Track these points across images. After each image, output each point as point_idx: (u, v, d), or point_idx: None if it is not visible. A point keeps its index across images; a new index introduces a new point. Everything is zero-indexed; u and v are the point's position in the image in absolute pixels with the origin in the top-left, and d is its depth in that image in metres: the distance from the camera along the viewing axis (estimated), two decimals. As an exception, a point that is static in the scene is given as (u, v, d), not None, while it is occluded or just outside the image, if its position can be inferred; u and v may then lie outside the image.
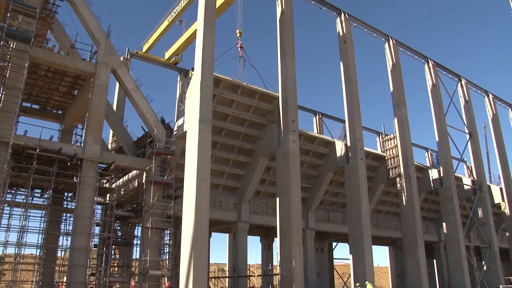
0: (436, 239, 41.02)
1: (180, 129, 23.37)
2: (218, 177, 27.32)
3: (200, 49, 21.75)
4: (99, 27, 23.63)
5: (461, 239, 32.29)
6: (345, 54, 29.76)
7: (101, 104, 22.19)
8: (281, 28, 26.63)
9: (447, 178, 34.18)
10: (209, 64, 21.68)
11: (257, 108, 26.48)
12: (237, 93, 25.47)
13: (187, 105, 22.57)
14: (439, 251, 40.96)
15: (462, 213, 36.14)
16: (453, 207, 33.23)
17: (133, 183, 26.32)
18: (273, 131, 25.77)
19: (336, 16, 31.20)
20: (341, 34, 30.58)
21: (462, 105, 40.67)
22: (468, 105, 40.30)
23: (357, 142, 27.39)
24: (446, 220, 33.65)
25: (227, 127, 26.09)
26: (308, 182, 31.61)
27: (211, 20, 22.73)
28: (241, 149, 27.41)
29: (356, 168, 26.84)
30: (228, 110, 25.58)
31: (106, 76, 22.83)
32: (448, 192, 33.78)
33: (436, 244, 41.30)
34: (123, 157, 24.42)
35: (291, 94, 24.90)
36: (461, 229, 32.92)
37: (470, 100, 40.61)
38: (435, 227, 41.65)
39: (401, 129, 31.92)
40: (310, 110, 40.37)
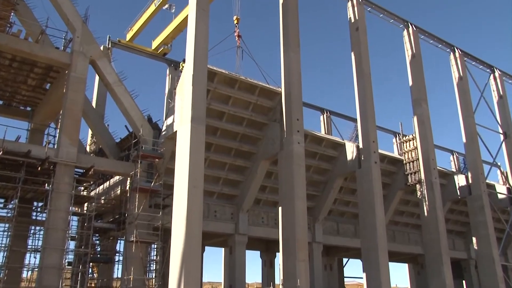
0: (465, 256, 41.30)
1: (169, 129, 23.86)
2: (213, 183, 27.82)
3: (192, 38, 22.25)
4: (75, 11, 23.79)
5: (496, 257, 32.46)
6: (357, 44, 30.32)
7: (77, 100, 22.36)
8: (284, 14, 27.16)
9: (476, 185, 34.46)
10: (202, 55, 22.18)
11: (257, 105, 27.01)
12: (234, 88, 25.99)
13: (178, 102, 23.07)
14: (469, 270, 41.12)
15: (496, 226, 36.23)
16: (484, 219, 33.43)
17: (115, 191, 26.75)
18: (275, 131, 26.29)
19: (346, 0, 31.79)
20: (352, 21, 31.14)
21: (495, 100, 40.89)
22: (502, 101, 40.57)
23: (370, 143, 27.92)
24: (477, 235, 33.87)
25: (223, 126, 26.61)
26: (315, 189, 32.13)
27: (205, 4, 23.23)
28: (239, 152, 27.93)
29: (370, 173, 27.34)
30: (224, 107, 26.10)
31: (84, 67, 23.04)
32: (478, 202, 34.02)
33: (465, 262, 41.50)
34: (103, 160, 24.83)
35: (296, 89, 25.44)
36: (496, 245, 33.06)
37: (505, 95, 40.89)
38: (463, 242, 42.00)
39: (422, 128, 32.40)
40: (317, 108, 40.92)
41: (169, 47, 35.32)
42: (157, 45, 35.28)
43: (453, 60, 38.48)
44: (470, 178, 35.08)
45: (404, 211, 37.71)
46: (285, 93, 25.70)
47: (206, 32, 22.78)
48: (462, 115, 36.67)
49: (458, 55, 38.27)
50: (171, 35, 34.14)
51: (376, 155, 27.98)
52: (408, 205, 37.58)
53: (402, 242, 37.91)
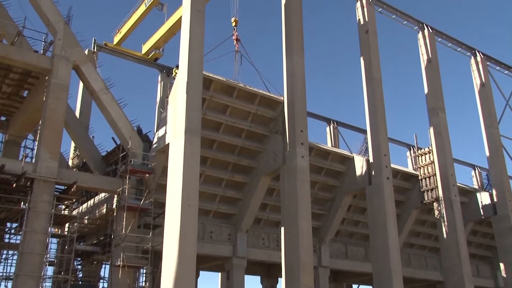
0: (491, 284, 41.12)
1: (161, 141, 24.12)
2: (209, 201, 27.99)
3: (186, 41, 22.61)
4: (56, 10, 23.88)
5: (529, 287, 32.28)
6: (366, 47, 30.76)
7: (59, 109, 22.42)
8: (286, 15, 27.61)
9: (503, 204, 34.35)
10: (197, 61, 22.53)
11: (257, 115, 27.34)
12: (232, 96, 26.34)
13: (170, 112, 23.38)
14: (497, 300, 40.98)
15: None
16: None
17: (101, 209, 26.89)
18: (276, 144, 26.56)
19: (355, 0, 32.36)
20: (361, 22, 31.64)
21: (522, 109, 41.15)
22: (530, 110, 40.74)
23: (382, 157, 28.17)
24: (505, 260, 33.70)
25: (220, 138, 26.90)
26: (321, 207, 32.30)
27: (200, 5, 23.63)
28: (237, 166, 28.17)
29: (381, 190, 27.52)
30: (221, 117, 26.41)
31: (66, 73, 23.14)
32: (505, 222, 33.91)
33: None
34: (88, 176, 24.94)
35: (299, 97, 25.79)
36: (528, 272, 32.86)
37: (533, 103, 41.05)
38: (489, 268, 41.88)
39: (439, 140, 32.62)
40: (323, 118, 41.26)
41: (161, 52, 35.78)
42: (147, 49, 35.72)
43: (474, 65, 38.76)
44: (494, 195, 34.97)
45: (420, 232, 37.76)
46: (288, 102, 26.04)
47: (202, 35, 23.12)
48: (485, 126, 36.82)
49: (479, 60, 38.58)
50: (163, 38, 34.61)
51: (388, 170, 28.20)
52: (425, 226, 37.65)
53: (419, 267, 37.87)
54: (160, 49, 35.75)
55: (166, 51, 36.33)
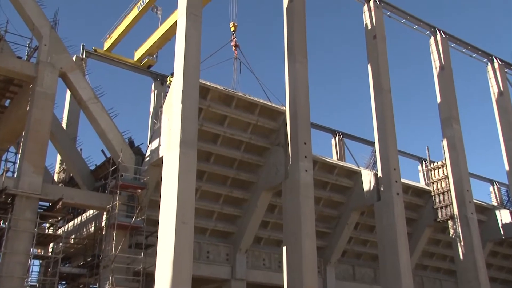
0: (515, 312, 41.08)
1: (154, 154, 24.29)
2: (205, 218, 28.07)
3: (182, 47, 22.90)
4: (42, 14, 24.03)
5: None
6: (374, 54, 31.14)
7: (44, 120, 22.54)
8: (288, 20, 28.02)
9: (526, 223, 34.50)
10: (193, 68, 22.80)
11: (257, 126, 27.58)
12: (231, 106, 26.59)
13: (164, 122, 23.57)
14: (521, 329, 40.74)
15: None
16: (539, 265, 33.46)
17: (88, 228, 26.93)
18: (278, 157, 26.78)
19: (362, 3, 32.71)
20: (369, 27, 32.05)
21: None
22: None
23: (391, 171, 28.32)
24: (531, 286, 33.80)
25: (218, 151, 27.09)
26: (326, 225, 32.39)
27: (197, 8, 24.00)
28: (236, 181, 28.32)
29: (391, 207, 27.60)
30: (218, 129, 26.63)
31: (53, 81, 23.33)
32: (529, 243, 34.10)
33: (515, 319, 41.14)
34: (75, 191, 25.05)
35: (303, 107, 26.07)
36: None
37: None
38: (512, 293, 41.78)
39: (453, 153, 32.76)
40: (328, 129, 41.54)
41: (155, 58, 36.13)
42: (140, 56, 36.07)
43: (491, 72, 39.01)
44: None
45: (434, 252, 37.74)
46: (290, 113, 26.31)
47: (198, 41, 23.43)
48: (504, 138, 36.99)
49: (497, 66, 38.80)
50: (157, 44, 34.96)
51: (399, 185, 28.32)
52: (439, 246, 37.63)
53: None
54: (153, 56, 36.07)
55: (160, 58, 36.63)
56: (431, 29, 36.26)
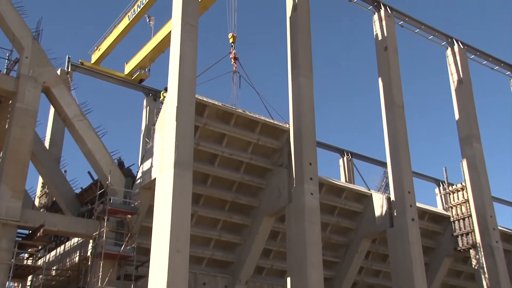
0: None
1: (146, 176, 24.42)
2: (202, 246, 28.10)
3: (176, 60, 23.16)
4: (23, 24, 24.14)
5: None
6: (385, 67, 31.49)
7: (25, 139, 22.57)
8: (292, 30, 28.40)
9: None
10: (189, 82, 23.05)
11: (258, 145, 27.83)
12: (230, 124, 26.86)
13: (157, 141, 23.74)
14: None
15: None
16: None
17: (72, 258, 26.79)
18: (281, 179, 26.93)
19: (372, 12, 33.20)
20: (379, 38, 32.48)
21: None
22: None
23: (405, 195, 28.39)
24: None
25: (215, 173, 27.28)
26: (334, 254, 32.39)
27: (193, 18, 24.34)
28: (235, 205, 28.45)
29: (406, 234, 27.57)
30: (216, 148, 26.86)
31: (35, 96, 23.41)
32: None
33: None
34: (58, 217, 25.01)
35: (307, 125, 26.28)
36: None
37: None
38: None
39: (474, 175, 32.82)
40: (335, 149, 41.75)
41: (147, 72, 36.55)
42: (131, 69, 36.52)
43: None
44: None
45: (455, 285, 37.54)
46: (294, 130, 26.53)
47: (194, 54, 23.75)
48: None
49: (522, 80, 39.28)
50: (149, 56, 35.43)
51: (414, 210, 28.37)
52: (460, 278, 37.49)
53: (454, 328, 37.58)
54: (145, 69, 36.51)
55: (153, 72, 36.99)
56: (448, 40, 36.62)
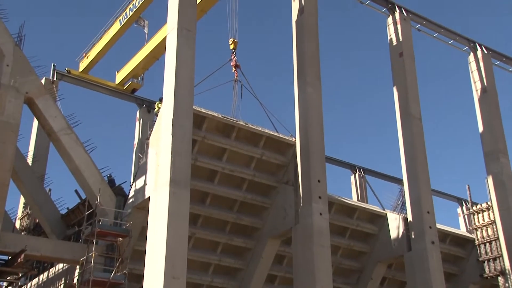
0: None
1: (139, 195, 24.53)
2: (200, 271, 28.09)
3: (173, 68, 23.39)
4: (4, 29, 24.29)
5: None
6: (401, 74, 31.70)
7: (6, 154, 22.66)
8: (298, 36, 28.66)
9: None
10: (186, 92, 23.28)
11: (261, 161, 27.97)
12: (231, 137, 27.02)
13: (151, 157, 23.89)
14: None
15: None
16: None
17: (57, 286, 26.74)
18: (287, 197, 27.06)
19: (386, 14, 33.50)
20: (394, 43, 32.72)
21: None
22: None
23: (424, 215, 28.41)
24: None
25: (215, 191, 27.35)
26: (346, 280, 32.33)
27: (190, 22, 24.65)
28: (237, 227, 28.50)
29: (425, 259, 27.55)
30: (216, 164, 26.96)
31: (16, 108, 23.55)
32: None
33: None
34: (41, 241, 24.97)
35: (315, 138, 26.45)
36: None
37: None
38: None
39: (501, 193, 32.81)
40: (346, 164, 42.00)
41: (140, 81, 36.87)
42: (123, 78, 36.77)
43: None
44: None
45: (480, 315, 37.44)
46: (301, 145, 26.71)
47: (192, 61, 24.03)
48: None
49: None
50: (142, 64, 35.66)
51: (434, 232, 28.37)
52: (487, 308, 37.37)
53: None
54: (139, 78, 36.84)
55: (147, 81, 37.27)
56: (470, 44, 36.73)
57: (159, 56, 34.70)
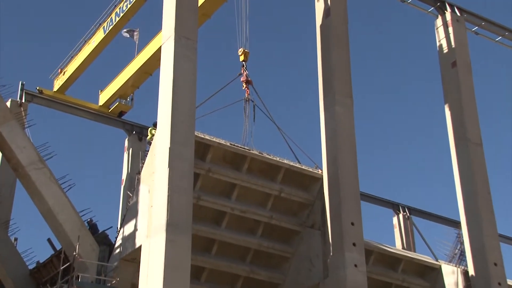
0: None
1: (128, 244, 24.68)
2: None
3: (169, 86, 23.67)
4: None
5: None
6: (454, 89, 31.87)
7: None
8: (324, 43, 29.03)
9: None
10: (186, 115, 23.53)
11: (280, 199, 28.07)
12: (241, 170, 27.17)
13: (144, 195, 24.16)
14: None
15: None
16: None
17: None
18: (313, 245, 27.15)
19: (434, 15, 33.87)
20: (445, 50, 32.91)
21: None
22: None
23: (490, 267, 28.24)
24: None
25: (223, 237, 27.32)
26: None
27: (190, 29, 25.09)
28: (251, 282, 28.37)
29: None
30: (224, 203, 27.04)
31: None
32: None
33: None
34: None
35: (347, 170, 26.49)
36: None
37: None
38: None
39: None
40: (387, 203, 41.89)
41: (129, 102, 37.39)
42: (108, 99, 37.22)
43: None
44: None
45: None
46: (329, 178, 26.80)
47: (193, 76, 24.38)
48: None
49: None
50: (132, 81, 36.11)
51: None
52: None
53: None
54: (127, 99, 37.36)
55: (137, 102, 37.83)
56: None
57: (152, 71, 35.22)
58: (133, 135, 36.81)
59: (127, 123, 37.43)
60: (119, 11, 35.11)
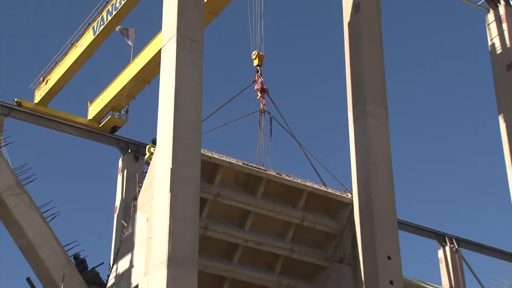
0: None
1: (122, 283, 24.76)
2: None
3: (171, 96, 23.76)
4: None
5: None
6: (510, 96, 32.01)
7: None
8: (352, 42, 29.17)
9: None
10: (190, 130, 23.59)
11: (303, 228, 28.08)
12: (256, 194, 27.16)
13: (141, 225, 24.30)
14: None
15: None
16: None
17: None
18: (341, 282, 27.10)
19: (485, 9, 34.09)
20: (498, 50, 32.97)
21: None
22: None
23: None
24: None
25: (235, 274, 27.26)
26: None
27: (194, 30, 25.22)
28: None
29: None
30: (236, 234, 27.03)
31: None
32: None
33: None
34: None
35: (382, 195, 26.42)
36: None
37: None
38: None
39: None
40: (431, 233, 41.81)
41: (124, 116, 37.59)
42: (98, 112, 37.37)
43: None
44: None
45: None
46: (361, 203, 26.77)
47: (199, 84, 24.50)
48: None
49: None
50: (126, 91, 36.29)
51: None
52: None
53: None
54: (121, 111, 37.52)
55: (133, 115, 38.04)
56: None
57: (150, 78, 35.42)
58: (128, 154, 36.64)
59: (121, 140, 37.33)
60: (111, 8, 35.10)
